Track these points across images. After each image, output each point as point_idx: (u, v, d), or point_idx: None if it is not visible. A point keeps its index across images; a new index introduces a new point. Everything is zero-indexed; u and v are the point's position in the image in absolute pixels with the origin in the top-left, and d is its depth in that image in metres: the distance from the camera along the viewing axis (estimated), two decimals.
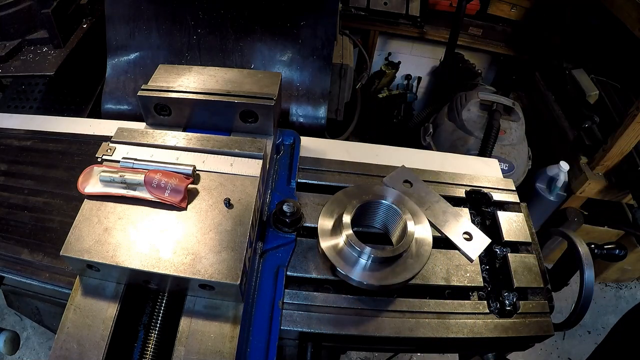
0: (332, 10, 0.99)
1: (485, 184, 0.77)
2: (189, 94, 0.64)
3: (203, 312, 0.52)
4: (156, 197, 0.52)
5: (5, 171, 0.74)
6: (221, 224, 0.52)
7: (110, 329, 0.50)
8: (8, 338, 0.73)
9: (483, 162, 0.89)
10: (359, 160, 0.78)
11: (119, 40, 0.97)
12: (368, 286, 0.57)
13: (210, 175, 0.56)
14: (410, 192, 0.70)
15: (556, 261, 0.75)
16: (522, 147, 1.75)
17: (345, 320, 0.58)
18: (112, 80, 0.97)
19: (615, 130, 1.61)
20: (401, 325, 0.59)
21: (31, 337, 1.85)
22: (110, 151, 0.57)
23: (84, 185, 0.54)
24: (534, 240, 0.70)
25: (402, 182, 0.71)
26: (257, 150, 0.57)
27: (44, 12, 0.95)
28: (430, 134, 1.82)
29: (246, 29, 0.99)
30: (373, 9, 2.03)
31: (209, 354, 0.49)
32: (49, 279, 0.61)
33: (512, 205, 0.74)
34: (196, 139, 0.58)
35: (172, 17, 0.97)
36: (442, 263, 0.64)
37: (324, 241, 0.59)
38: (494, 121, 1.59)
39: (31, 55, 0.98)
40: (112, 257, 0.49)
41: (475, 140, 1.67)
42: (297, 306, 0.58)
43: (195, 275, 0.48)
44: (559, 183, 1.78)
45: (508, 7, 2.07)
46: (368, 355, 1.84)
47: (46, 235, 0.65)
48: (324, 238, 0.60)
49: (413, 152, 0.88)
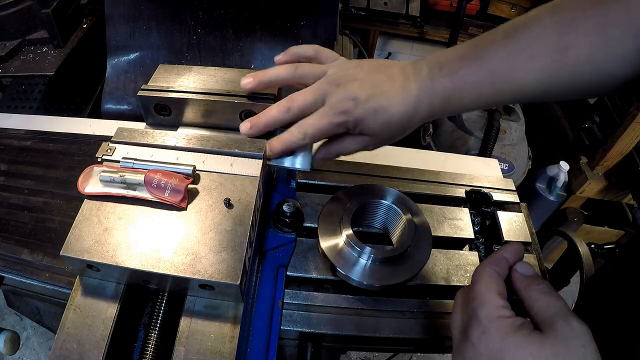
0: (332, 10, 0.99)
1: (485, 184, 0.77)
2: (189, 94, 0.64)
3: (203, 312, 0.52)
4: (156, 197, 0.52)
5: (5, 171, 0.74)
6: (221, 224, 0.52)
7: (110, 329, 0.50)
8: (8, 338, 0.73)
9: (483, 162, 0.89)
10: (359, 160, 0.78)
11: (119, 40, 0.97)
12: (368, 286, 0.57)
13: (210, 175, 0.56)
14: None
15: (556, 261, 0.75)
16: (522, 147, 1.75)
17: (345, 320, 0.58)
18: (112, 80, 0.97)
19: (615, 130, 1.61)
20: (401, 325, 0.59)
21: (31, 337, 1.85)
22: (110, 151, 0.57)
23: (84, 185, 0.54)
24: (534, 240, 0.70)
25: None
26: (257, 150, 0.57)
27: (44, 12, 0.95)
28: (430, 133, 1.82)
29: (246, 29, 0.99)
30: (373, 9, 2.03)
31: (209, 354, 0.49)
32: (49, 279, 0.61)
33: (512, 205, 0.75)
34: (196, 139, 0.58)
35: (172, 17, 0.97)
36: (442, 263, 0.65)
37: (324, 241, 0.59)
38: (494, 121, 1.59)
39: (31, 55, 0.98)
40: (112, 257, 0.49)
41: (475, 140, 1.67)
42: (297, 306, 0.58)
43: (195, 275, 0.48)
44: (559, 183, 1.78)
45: (508, 7, 2.07)
46: (368, 355, 1.84)
47: (46, 235, 0.65)
48: (324, 238, 0.60)
49: (413, 152, 0.88)
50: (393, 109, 0.55)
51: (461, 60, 0.54)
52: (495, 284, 0.44)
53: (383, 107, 0.55)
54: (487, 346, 0.40)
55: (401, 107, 0.55)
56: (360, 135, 0.59)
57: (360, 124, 0.56)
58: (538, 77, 0.51)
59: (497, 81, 0.52)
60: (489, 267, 0.45)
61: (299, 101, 0.58)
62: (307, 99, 0.58)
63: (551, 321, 0.39)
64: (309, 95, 0.58)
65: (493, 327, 0.40)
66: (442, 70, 0.54)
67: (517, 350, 0.38)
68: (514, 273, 0.45)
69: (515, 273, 0.45)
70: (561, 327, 0.38)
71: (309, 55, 0.64)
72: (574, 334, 0.37)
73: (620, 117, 1.60)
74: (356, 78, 0.56)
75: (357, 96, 0.55)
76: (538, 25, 0.51)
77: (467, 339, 0.42)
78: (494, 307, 0.42)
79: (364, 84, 0.56)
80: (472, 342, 0.41)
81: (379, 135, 0.58)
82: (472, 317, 0.42)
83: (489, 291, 0.43)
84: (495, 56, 0.52)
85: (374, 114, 0.55)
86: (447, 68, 0.54)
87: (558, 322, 0.38)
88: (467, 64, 0.53)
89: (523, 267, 0.46)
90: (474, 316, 0.42)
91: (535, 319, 0.41)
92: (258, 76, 0.61)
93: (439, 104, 0.55)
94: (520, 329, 0.39)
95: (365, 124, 0.56)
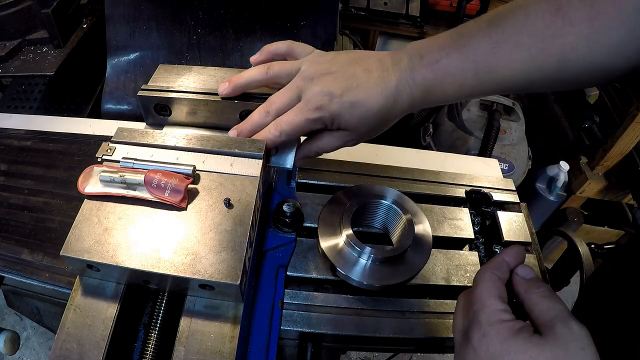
0: (332, 10, 0.99)
1: (485, 184, 0.77)
2: (189, 94, 0.64)
3: (203, 312, 0.52)
4: (156, 197, 0.52)
5: (5, 171, 0.74)
6: (221, 224, 0.52)
7: (110, 329, 0.50)
8: (8, 338, 0.73)
9: (483, 162, 0.89)
10: (359, 160, 0.78)
11: (119, 40, 0.97)
12: (368, 286, 0.57)
13: (210, 175, 0.56)
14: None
15: (556, 261, 0.76)
16: (522, 147, 1.75)
17: (345, 320, 0.58)
18: (112, 80, 0.97)
19: (615, 130, 1.61)
20: (401, 325, 0.59)
21: (31, 337, 1.85)
22: (110, 151, 0.57)
23: (84, 185, 0.54)
24: (534, 240, 0.70)
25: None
26: (257, 150, 0.57)
27: (44, 12, 0.95)
28: (430, 133, 1.82)
29: (246, 29, 0.99)
30: (373, 9, 2.03)
31: (209, 354, 0.49)
32: (49, 279, 0.61)
33: (512, 205, 0.74)
34: (196, 139, 0.58)
35: (172, 17, 0.97)
36: (442, 263, 0.65)
37: (324, 241, 0.59)
38: (494, 121, 1.60)
39: (31, 55, 0.98)
40: (112, 257, 0.49)
41: (475, 140, 1.67)
42: (297, 306, 0.58)
43: (195, 275, 0.48)
44: (559, 183, 1.78)
45: None
46: (368, 355, 1.84)
47: (46, 235, 0.65)
48: (324, 238, 0.60)
49: (413, 152, 0.88)
50: (370, 102, 0.54)
51: (443, 50, 0.52)
52: (496, 287, 0.44)
53: (359, 101, 0.54)
54: (487, 349, 0.40)
55: (379, 99, 0.54)
56: (339, 131, 0.58)
57: (337, 118, 0.55)
58: (523, 67, 0.50)
59: (481, 71, 0.51)
60: (489, 271, 0.45)
61: (276, 103, 0.58)
62: (283, 99, 0.57)
63: (551, 324, 0.39)
64: (285, 94, 0.57)
65: (493, 330, 0.40)
66: (423, 60, 0.53)
67: (517, 354, 0.38)
68: (514, 276, 0.45)
69: (516, 276, 0.45)
70: (561, 330, 0.38)
71: (283, 52, 0.63)
72: (573, 337, 0.37)
73: (620, 117, 1.60)
74: (330, 72, 0.55)
75: (332, 90, 0.54)
76: (524, 13, 0.49)
77: (468, 343, 0.42)
78: (494, 310, 0.42)
79: (338, 78, 0.54)
80: (473, 346, 0.41)
81: (358, 130, 0.57)
82: (472, 321, 0.42)
83: (490, 295, 0.43)
84: (478, 45, 0.50)
85: (350, 108, 0.54)
86: (428, 57, 0.52)
87: (558, 325, 0.38)
88: (449, 53, 0.51)
89: (524, 270, 0.45)
90: (475, 320, 0.42)
91: (535, 322, 0.41)
92: (233, 81, 0.61)
93: (420, 95, 0.54)
94: (520, 332, 0.39)
95: (342, 119, 0.55)
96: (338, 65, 0.56)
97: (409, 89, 0.53)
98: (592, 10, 0.45)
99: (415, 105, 0.55)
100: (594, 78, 0.50)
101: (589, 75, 0.49)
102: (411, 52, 0.54)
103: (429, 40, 0.55)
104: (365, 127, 0.57)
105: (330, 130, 0.58)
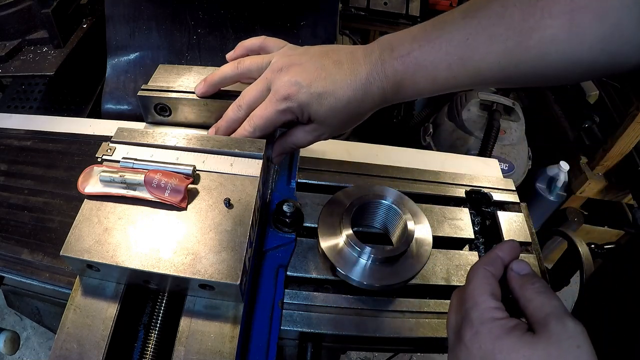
0: (332, 10, 1.00)
1: (485, 184, 0.77)
2: (189, 94, 0.64)
3: (203, 312, 0.52)
4: (156, 197, 0.52)
5: (5, 171, 0.74)
6: (221, 224, 0.52)
7: (110, 329, 0.50)
8: (8, 338, 0.73)
9: (483, 162, 0.89)
10: (359, 160, 0.78)
11: (119, 40, 0.97)
12: (368, 286, 0.57)
13: (210, 175, 0.56)
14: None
15: (556, 261, 0.75)
16: (522, 147, 1.75)
17: (345, 320, 0.58)
18: (112, 80, 0.98)
19: (615, 130, 1.61)
20: (401, 325, 0.59)
21: (31, 337, 1.85)
22: (110, 151, 0.57)
23: (84, 185, 0.54)
24: (534, 240, 0.70)
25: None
26: (257, 150, 0.57)
27: (44, 12, 0.95)
28: (430, 133, 1.82)
29: (246, 29, 0.99)
30: (373, 9, 2.03)
31: (209, 354, 0.49)
32: (49, 279, 0.61)
33: (512, 205, 0.74)
34: (196, 139, 0.58)
35: (172, 17, 0.97)
36: (442, 263, 0.65)
37: (324, 241, 0.59)
38: (494, 121, 1.59)
39: (31, 55, 0.98)
40: (112, 257, 0.49)
41: (475, 140, 1.67)
42: (297, 306, 0.58)
43: (195, 275, 0.48)
44: (559, 183, 1.78)
45: None
46: (368, 355, 1.84)
47: (46, 235, 0.65)
48: (324, 238, 0.60)
49: (413, 152, 0.88)
50: (339, 92, 0.53)
51: (415, 41, 0.50)
52: (488, 284, 0.43)
53: (328, 91, 0.53)
54: (479, 348, 0.39)
55: (348, 91, 0.53)
56: (310, 124, 0.58)
57: (306, 109, 0.55)
58: (499, 61, 0.48)
59: (454, 64, 0.49)
60: (482, 267, 0.44)
61: (247, 96, 0.58)
62: (253, 92, 0.57)
63: (545, 321, 0.38)
64: (255, 87, 0.57)
65: (485, 328, 0.39)
66: (394, 52, 0.51)
67: (509, 352, 0.37)
68: (509, 272, 0.44)
69: (510, 272, 0.44)
70: (555, 328, 0.37)
71: (257, 48, 0.63)
72: (567, 334, 0.36)
73: (620, 117, 1.59)
74: (300, 63, 0.55)
75: (299, 80, 0.53)
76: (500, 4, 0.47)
77: (460, 341, 0.41)
78: (486, 308, 0.41)
79: (307, 68, 0.54)
80: (465, 344, 0.40)
81: (328, 122, 0.56)
82: (465, 319, 0.42)
83: (482, 292, 0.42)
84: (451, 36, 0.49)
85: (319, 98, 0.53)
86: (399, 50, 0.51)
87: (552, 322, 0.37)
88: (422, 45, 0.50)
89: (519, 265, 0.44)
90: (467, 317, 0.41)
91: (530, 319, 0.40)
92: (208, 79, 0.61)
93: (391, 88, 0.53)
94: (512, 330, 0.38)
95: (311, 109, 0.55)
96: (308, 56, 0.55)
97: (379, 82, 0.53)
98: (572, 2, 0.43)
99: (387, 98, 0.55)
100: (576, 74, 0.48)
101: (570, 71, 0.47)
102: (383, 44, 0.53)
103: (403, 32, 0.53)
104: (336, 119, 0.56)
105: (302, 124, 0.58)
